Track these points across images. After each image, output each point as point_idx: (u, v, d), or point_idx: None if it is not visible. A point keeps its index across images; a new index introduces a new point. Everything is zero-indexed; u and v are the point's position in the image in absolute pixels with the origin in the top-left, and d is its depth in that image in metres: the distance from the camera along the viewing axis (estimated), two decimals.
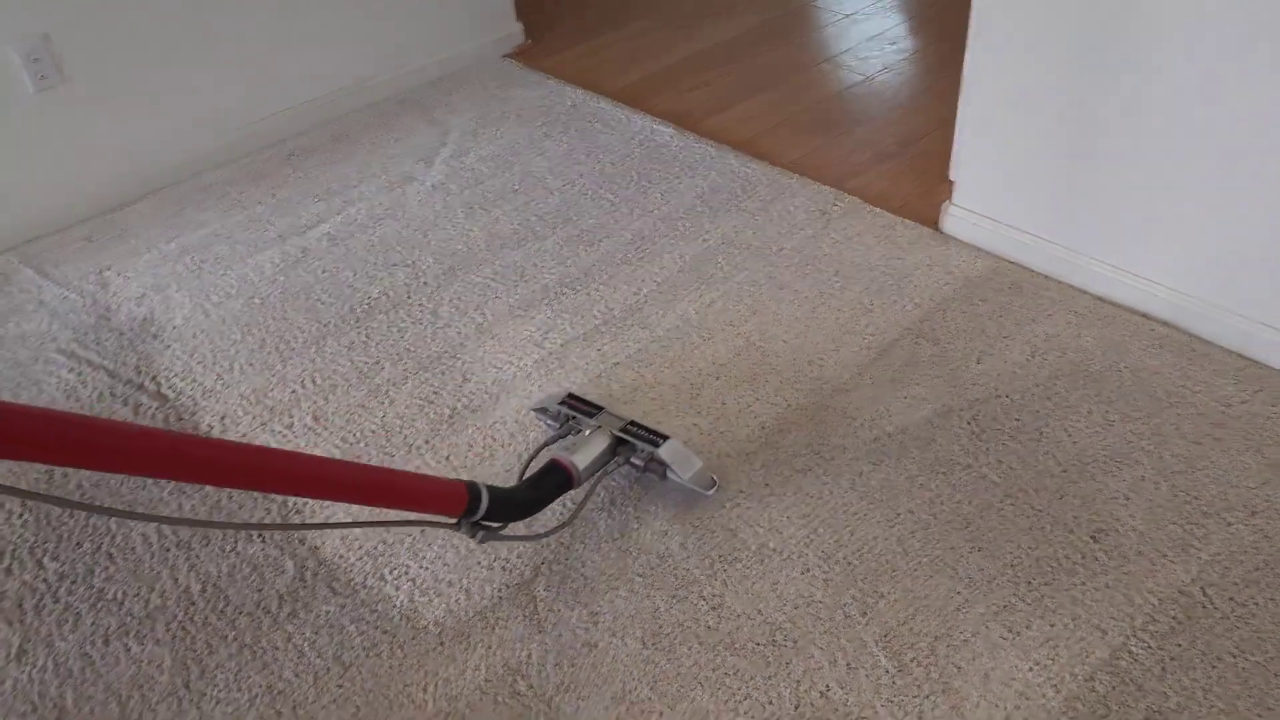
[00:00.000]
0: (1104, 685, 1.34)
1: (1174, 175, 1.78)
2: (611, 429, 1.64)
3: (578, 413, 1.70)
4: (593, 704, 1.38)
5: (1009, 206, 2.06)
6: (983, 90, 1.99)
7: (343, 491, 1.24)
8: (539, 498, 1.55)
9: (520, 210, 2.41)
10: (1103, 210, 1.91)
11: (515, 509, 1.51)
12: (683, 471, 1.61)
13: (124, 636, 1.53)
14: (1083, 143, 1.88)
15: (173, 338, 2.11)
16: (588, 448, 1.61)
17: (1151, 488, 1.59)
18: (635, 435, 1.63)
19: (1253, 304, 1.78)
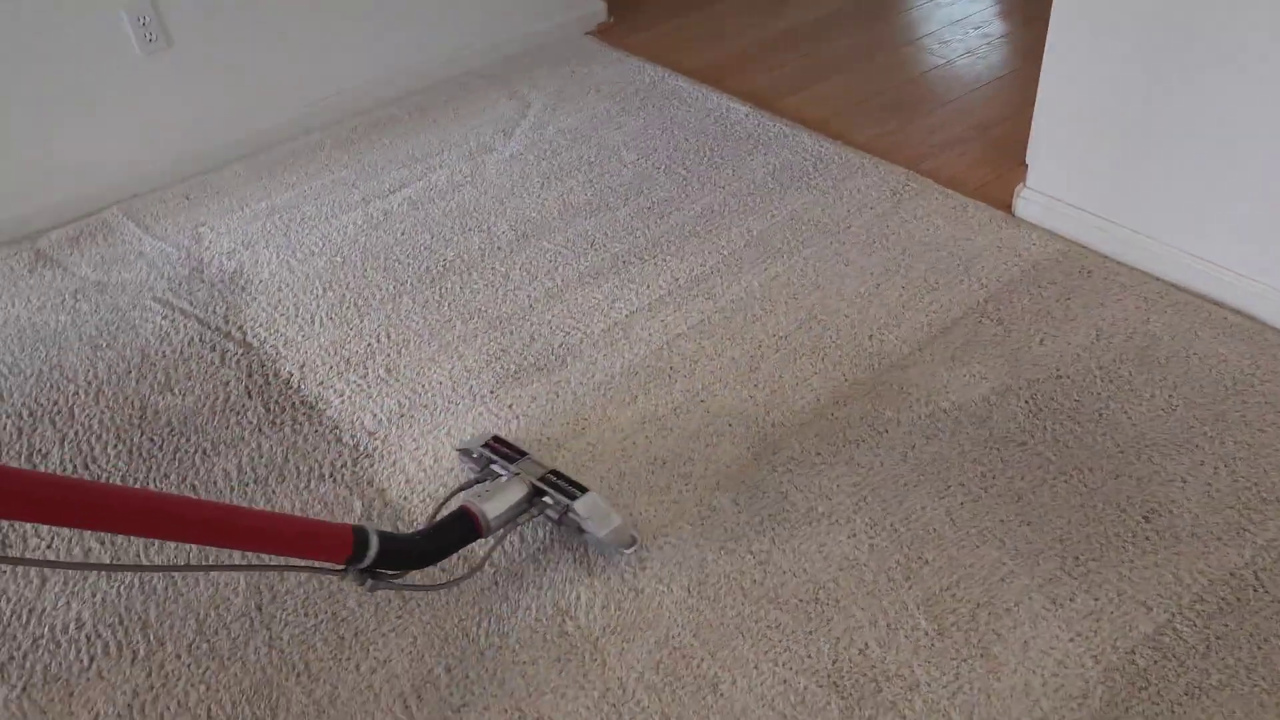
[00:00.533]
0: (1145, 659, 1.34)
1: (1256, 163, 1.74)
2: (530, 477, 1.56)
3: (499, 457, 1.63)
4: (637, 646, 1.43)
5: (1083, 191, 2.04)
6: (1062, 73, 1.98)
7: (218, 536, 1.18)
8: (440, 547, 1.46)
9: (594, 182, 2.47)
10: (1179, 196, 1.89)
11: (411, 557, 1.41)
12: (598, 528, 1.52)
13: (203, 560, 1.63)
14: (1161, 128, 1.85)
15: (259, 290, 2.22)
16: (501, 496, 1.52)
17: (1210, 472, 1.58)
18: (553, 485, 1.55)
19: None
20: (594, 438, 1.77)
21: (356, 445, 1.81)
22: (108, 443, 1.86)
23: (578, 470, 1.71)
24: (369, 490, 1.72)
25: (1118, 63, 1.87)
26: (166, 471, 1.79)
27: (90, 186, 2.55)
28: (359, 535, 1.31)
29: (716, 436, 1.75)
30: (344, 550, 1.30)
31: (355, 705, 1.40)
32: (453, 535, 1.47)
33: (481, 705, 1.38)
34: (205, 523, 1.17)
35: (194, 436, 1.86)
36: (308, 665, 1.46)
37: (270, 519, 1.24)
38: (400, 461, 1.77)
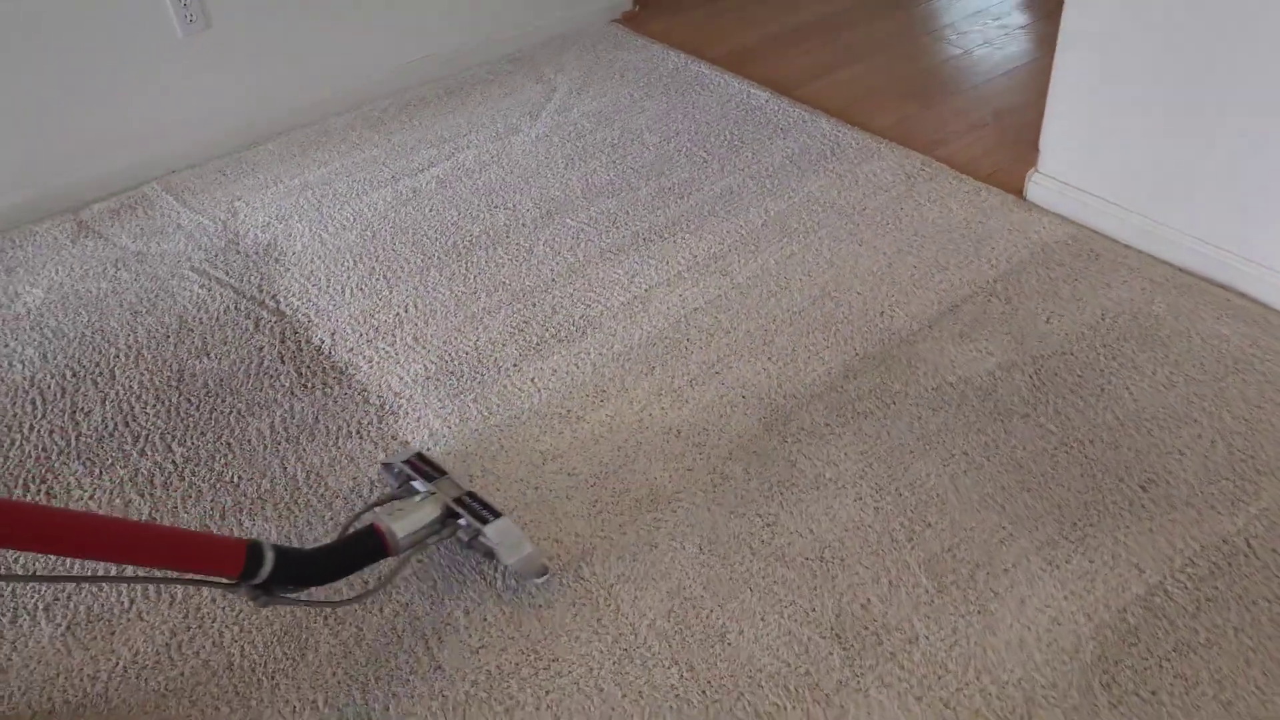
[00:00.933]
0: (1136, 618, 1.40)
1: (1263, 151, 1.79)
2: (445, 498, 1.52)
3: (419, 474, 1.60)
4: (649, 595, 1.50)
5: (1094, 176, 2.09)
6: (1076, 60, 2.03)
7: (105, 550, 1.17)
8: (342, 564, 1.43)
9: (617, 163, 2.54)
10: (1188, 182, 1.93)
11: (310, 574, 1.39)
12: (508, 555, 1.49)
13: (238, 513, 1.71)
14: (1173, 115, 1.90)
15: (292, 262, 2.30)
16: (413, 515, 1.49)
17: (1207, 445, 1.63)
18: (466, 508, 1.52)
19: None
20: (612, 409, 1.84)
21: (383, 405, 1.89)
22: (147, 403, 1.95)
23: (595, 441, 1.78)
24: (394, 444, 1.80)
25: (1129, 51, 1.91)
26: (203, 430, 1.88)
27: (130, 162, 2.64)
28: (253, 551, 1.30)
29: (730, 408, 1.81)
30: (236, 565, 1.28)
31: (379, 646, 1.47)
32: (358, 552, 1.44)
33: (499, 647, 1.46)
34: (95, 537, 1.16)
35: (229, 398, 1.95)
36: (334, 609, 1.53)
37: (160, 532, 1.23)
38: (425, 418, 1.84)
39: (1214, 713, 1.29)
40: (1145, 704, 1.30)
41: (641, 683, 1.40)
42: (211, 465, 1.81)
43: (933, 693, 1.34)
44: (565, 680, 1.41)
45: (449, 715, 1.38)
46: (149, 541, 1.22)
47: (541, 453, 1.76)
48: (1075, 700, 1.32)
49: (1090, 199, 2.10)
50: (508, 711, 1.38)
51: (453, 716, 1.38)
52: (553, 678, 1.41)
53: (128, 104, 2.58)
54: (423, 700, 1.40)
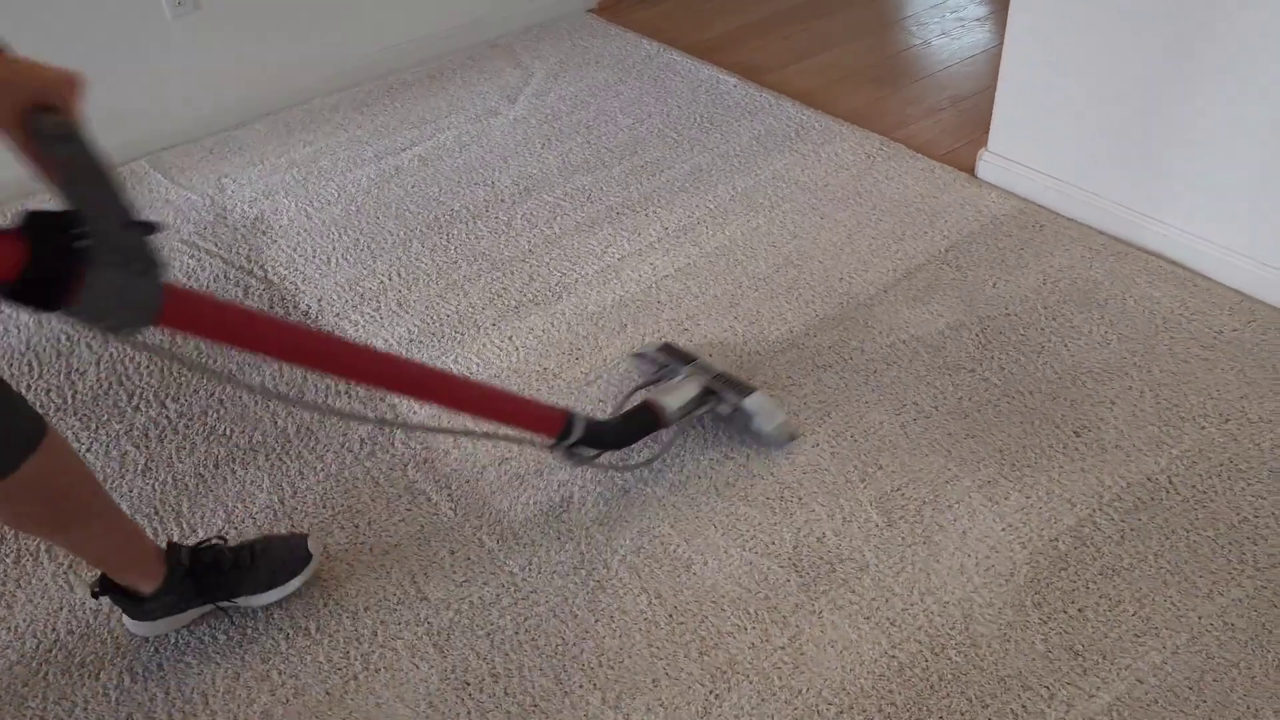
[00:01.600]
0: (1066, 545, 1.53)
1: (1187, 128, 1.93)
2: (702, 378, 1.76)
3: (673, 360, 1.83)
4: (621, 534, 1.61)
5: (1038, 154, 2.23)
6: (1022, 48, 2.16)
7: (460, 403, 1.40)
8: (630, 433, 1.68)
9: (591, 143, 2.65)
10: (1122, 158, 2.07)
11: (607, 440, 1.65)
12: (765, 424, 1.71)
13: (231, 463, 1.81)
14: (1105, 98, 2.04)
15: (279, 234, 2.40)
16: (679, 393, 1.72)
17: (1137, 396, 1.76)
18: (724, 384, 1.75)
19: (1256, 246, 1.92)
20: (587, 365, 1.95)
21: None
22: (140, 364, 2.04)
23: (574, 392, 1.89)
24: (381, 404, 1.90)
25: (1069, 41, 2.05)
26: (196, 388, 1.97)
27: (119, 140, 2.72)
28: (568, 419, 1.54)
29: None
30: (555, 429, 1.54)
31: (369, 581, 1.57)
32: (641, 424, 1.68)
33: (481, 581, 1.56)
34: (456, 392, 1.41)
35: (222, 359, 2.04)
36: (326, 548, 1.63)
37: (506, 395, 1.50)
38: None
39: (1133, 626, 1.41)
40: (1072, 619, 1.43)
41: (613, 609, 1.51)
42: (204, 420, 1.90)
43: (880, 613, 1.46)
44: (543, 609, 1.52)
45: (433, 638, 1.48)
46: (494, 401, 1.46)
47: None
48: (1010, 617, 1.44)
49: (1035, 175, 2.24)
50: (488, 635, 1.48)
51: (437, 639, 1.48)
52: (531, 606, 1.52)
53: (117, 84, 2.66)
54: (408, 626, 1.51)
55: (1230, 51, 1.81)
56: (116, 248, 0.99)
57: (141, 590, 1.45)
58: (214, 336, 1.14)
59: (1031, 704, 1.34)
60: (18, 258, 0.96)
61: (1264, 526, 1.53)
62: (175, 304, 1.05)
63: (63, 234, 0.97)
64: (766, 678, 1.40)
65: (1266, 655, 1.37)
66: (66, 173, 0.96)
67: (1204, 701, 1.32)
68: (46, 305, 0.98)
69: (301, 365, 1.26)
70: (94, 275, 0.98)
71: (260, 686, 1.45)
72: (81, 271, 0.97)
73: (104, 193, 0.98)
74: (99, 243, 0.98)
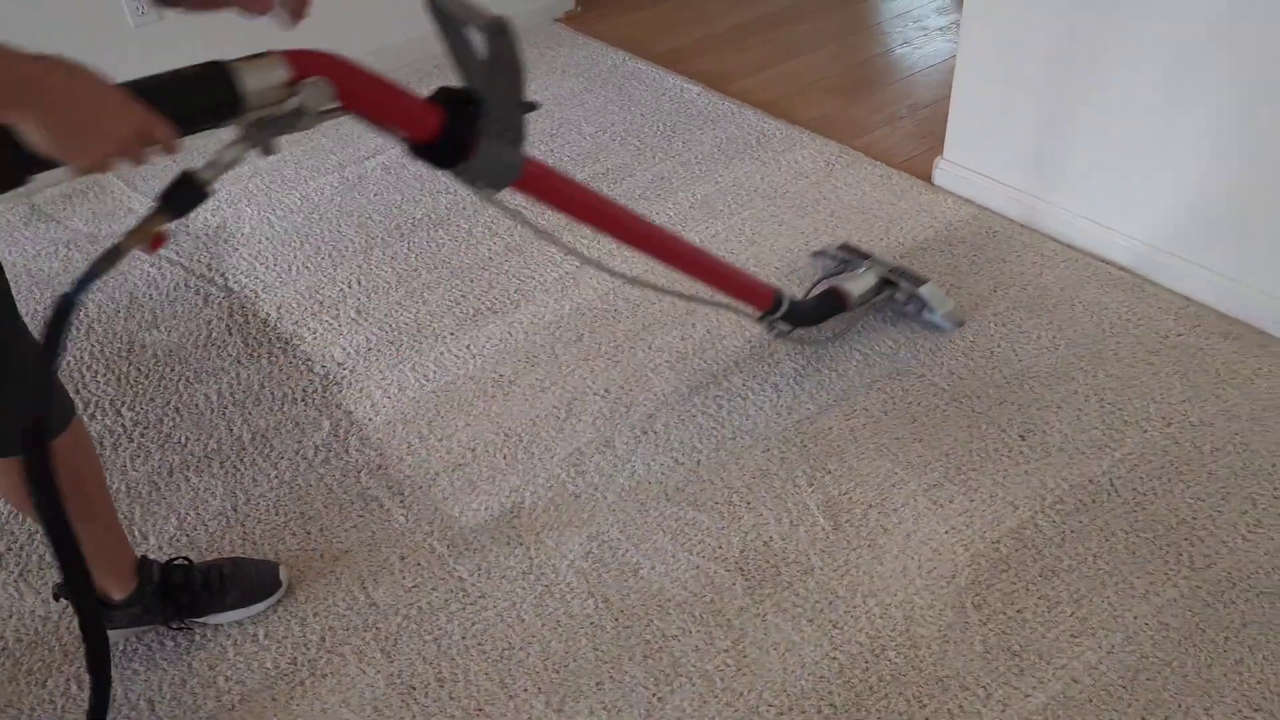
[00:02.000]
0: (1008, 548, 1.55)
1: (1134, 141, 1.96)
2: (880, 269, 2.00)
3: (852, 256, 2.09)
4: (571, 539, 1.62)
5: (992, 161, 2.26)
6: (975, 54, 2.19)
7: (694, 270, 1.69)
8: (822, 312, 1.93)
9: (555, 150, 2.66)
10: (1074, 167, 2.10)
11: (804, 318, 1.90)
12: (938, 308, 1.94)
13: (185, 470, 1.81)
14: (1053, 109, 2.07)
15: (240, 243, 2.40)
16: (860, 281, 1.97)
17: (1082, 400, 1.79)
18: (900, 276, 1.98)
19: (1200, 252, 1.95)
20: (542, 373, 1.96)
21: (327, 374, 1.99)
22: (97, 372, 2.04)
23: (525, 402, 1.90)
24: (337, 412, 1.90)
25: (1021, 50, 2.08)
26: (152, 396, 1.97)
27: None
28: (778, 296, 1.79)
29: (653, 372, 1.94)
30: (767, 303, 1.79)
31: (319, 587, 1.58)
32: (831, 305, 1.93)
33: (430, 586, 1.57)
34: (695, 260, 1.68)
35: (178, 367, 2.04)
36: (277, 554, 1.64)
37: (731, 269, 1.74)
38: (367, 388, 1.95)
39: (1070, 627, 1.43)
40: (1011, 620, 1.45)
41: (560, 613, 1.52)
42: (159, 428, 1.90)
43: (824, 615, 1.48)
44: (490, 613, 1.53)
45: (381, 643, 1.49)
46: (725, 275, 1.72)
47: (475, 414, 1.88)
48: (950, 618, 1.46)
49: (988, 182, 2.27)
50: (435, 640, 1.49)
51: (385, 644, 1.49)
52: (478, 611, 1.53)
53: None
54: (356, 632, 1.51)
55: (1170, 66, 1.84)
56: (506, 123, 1.24)
57: (112, 597, 1.46)
58: (547, 199, 1.47)
59: (968, 704, 1.35)
60: (437, 124, 1.21)
61: (1201, 528, 1.55)
62: (529, 172, 1.34)
63: (467, 107, 1.21)
64: (709, 680, 1.41)
65: (1199, 654, 1.39)
66: (493, 59, 1.18)
67: (1136, 700, 1.34)
68: (445, 164, 1.24)
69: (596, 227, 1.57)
70: (486, 143, 1.22)
71: (206, 693, 1.45)
72: (477, 139, 1.21)
73: (512, 78, 1.21)
74: (495, 117, 1.22)
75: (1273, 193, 1.81)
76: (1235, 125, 1.81)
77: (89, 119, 0.91)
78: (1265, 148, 1.79)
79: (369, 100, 1.18)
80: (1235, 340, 1.89)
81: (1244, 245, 1.89)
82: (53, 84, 0.89)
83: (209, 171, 1.04)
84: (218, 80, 1.04)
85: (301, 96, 1.08)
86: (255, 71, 1.06)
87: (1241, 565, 1.50)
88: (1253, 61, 1.74)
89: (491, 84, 1.20)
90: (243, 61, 1.06)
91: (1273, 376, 1.81)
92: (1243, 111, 1.79)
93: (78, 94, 0.90)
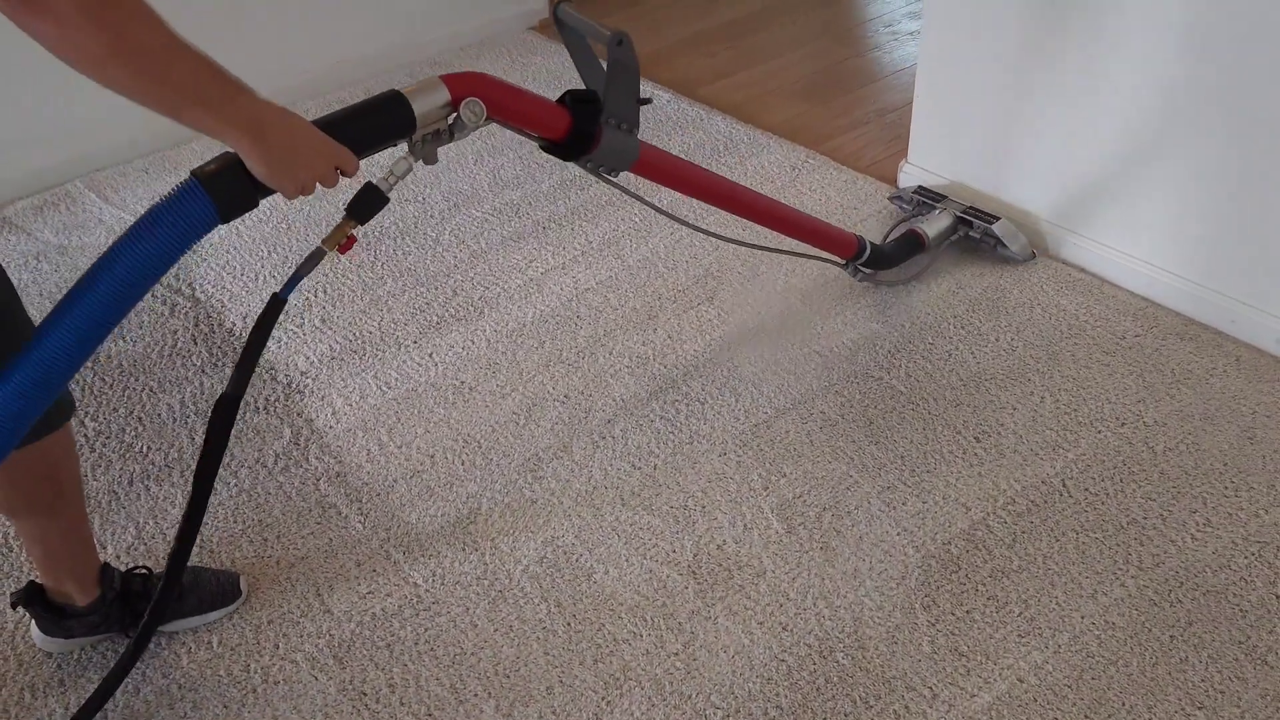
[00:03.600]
0: (959, 549, 1.55)
1: (1091, 142, 1.97)
2: (955, 209, 2.15)
3: (927, 199, 2.23)
4: (525, 544, 1.63)
5: (954, 165, 2.27)
6: (936, 60, 2.21)
7: (781, 225, 1.84)
8: (902, 253, 2.05)
9: (524, 158, 2.67)
10: (1032, 170, 2.12)
11: (886, 260, 2.01)
12: (1010, 243, 2.08)
13: (145, 480, 1.81)
14: (1012, 112, 2.09)
15: (208, 253, 2.41)
16: (936, 222, 2.10)
17: (1037, 401, 1.80)
18: (974, 215, 2.12)
19: (1158, 253, 1.96)
20: (503, 379, 1.97)
21: (289, 383, 2.00)
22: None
23: (486, 408, 1.90)
24: (298, 420, 1.91)
25: (980, 56, 2.09)
26: (115, 406, 1.97)
27: (54, 161, 2.72)
28: (861, 243, 1.92)
29: (614, 377, 1.95)
30: (851, 250, 1.92)
31: (274, 594, 1.58)
32: (910, 246, 2.06)
33: (385, 593, 1.57)
34: (780, 216, 1.84)
35: (142, 377, 2.05)
36: (234, 561, 1.64)
37: (815, 221, 1.88)
38: (329, 396, 1.96)
39: (1018, 627, 1.44)
40: (960, 621, 1.46)
41: (513, 618, 1.52)
42: (122, 438, 1.90)
43: (774, 618, 1.48)
44: (443, 619, 1.53)
45: (334, 650, 1.50)
46: (809, 227, 1.87)
47: (435, 421, 1.88)
48: (898, 620, 1.46)
49: (951, 185, 2.28)
50: (388, 647, 1.50)
51: (338, 651, 1.49)
52: (432, 617, 1.54)
53: (51, 104, 2.66)
54: (310, 638, 1.52)
55: (1129, 69, 1.86)
56: (623, 117, 1.44)
57: (75, 602, 1.47)
58: (661, 178, 1.71)
59: (914, 704, 1.36)
60: (565, 124, 1.42)
61: (1151, 528, 1.56)
62: (644, 155, 1.54)
63: (590, 105, 1.42)
64: (658, 683, 1.41)
65: (1144, 653, 1.40)
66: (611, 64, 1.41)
67: (1081, 699, 1.35)
68: (573, 156, 1.46)
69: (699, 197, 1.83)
70: (607, 135, 1.43)
71: (159, 701, 1.45)
72: (599, 132, 1.42)
73: (631, 79, 1.42)
74: (615, 113, 1.43)
75: (1229, 195, 1.82)
76: (1193, 130, 1.82)
77: (297, 153, 1.11)
78: (1223, 153, 1.80)
79: (514, 111, 1.38)
80: (1191, 341, 1.90)
81: (1201, 246, 1.90)
82: (273, 122, 1.08)
83: (386, 182, 1.25)
84: (397, 107, 1.24)
85: (461, 114, 1.28)
86: (424, 96, 1.25)
87: (1189, 564, 1.51)
88: (1212, 66, 1.75)
89: (613, 84, 1.42)
90: (414, 89, 1.25)
91: (1226, 375, 1.82)
92: (1200, 116, 1.80)
93: (289, 131, 1.10)
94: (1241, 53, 1.70)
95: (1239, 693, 1.35)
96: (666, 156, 1.70)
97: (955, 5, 2.11)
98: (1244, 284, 1.86)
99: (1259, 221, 1.80)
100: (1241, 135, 1.76)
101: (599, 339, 2.04)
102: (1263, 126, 1.72)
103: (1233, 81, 1.73)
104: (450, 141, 1.31)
